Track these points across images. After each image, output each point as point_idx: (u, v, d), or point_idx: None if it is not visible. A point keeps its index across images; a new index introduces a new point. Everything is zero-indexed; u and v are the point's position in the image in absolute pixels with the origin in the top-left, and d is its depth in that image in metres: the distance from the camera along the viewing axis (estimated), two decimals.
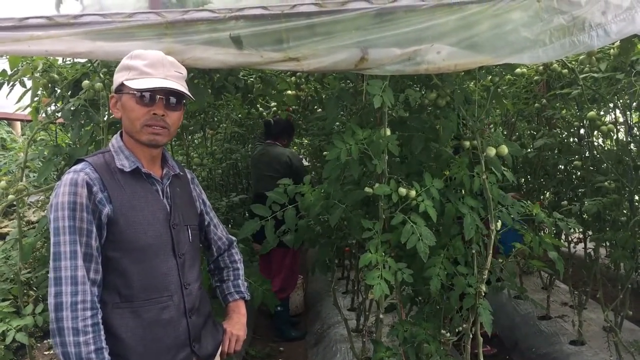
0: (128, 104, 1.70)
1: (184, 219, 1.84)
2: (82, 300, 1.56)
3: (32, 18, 1.85)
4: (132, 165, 1.72)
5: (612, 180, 3.38)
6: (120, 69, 1.73)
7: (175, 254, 1.78)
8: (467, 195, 2.36)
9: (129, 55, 1.73)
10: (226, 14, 1.87)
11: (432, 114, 2.60)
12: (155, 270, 1.71)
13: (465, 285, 2.32)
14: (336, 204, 2.42)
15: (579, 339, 3.98)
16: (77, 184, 1.61)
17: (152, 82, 1.66)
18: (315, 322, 5.09)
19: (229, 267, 2.13)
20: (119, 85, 1.72)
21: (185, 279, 1.80)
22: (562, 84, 3.63)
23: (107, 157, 1.73)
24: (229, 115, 4.55)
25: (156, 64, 1.69)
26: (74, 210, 1.59)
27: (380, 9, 1.87)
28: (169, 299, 1.74)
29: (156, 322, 1.70)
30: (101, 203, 1.63)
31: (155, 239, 1.72)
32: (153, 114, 1.69)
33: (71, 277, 1.56)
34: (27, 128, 5.14)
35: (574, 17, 1.90)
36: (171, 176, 1.85)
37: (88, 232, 1.61)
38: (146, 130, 1.70)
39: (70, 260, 1.57)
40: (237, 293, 2.10)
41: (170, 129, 1.75)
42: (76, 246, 1.58)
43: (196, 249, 1.93)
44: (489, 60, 1.97)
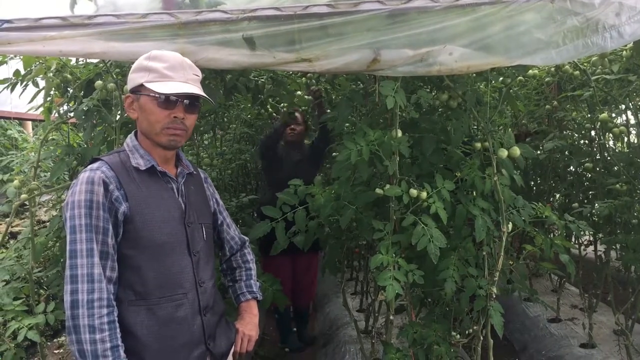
0: (148, 106, 1.71)
1: (198, 217, 1.86)
2: (99, 297, 1.56)
3: (46, 18, 1.87)
4: (148, 163, 1.74)
5: (624, 183, 3.36)
6: (138, 69, 1.72)
7: (190, 251, 1.79)
8: (479, 197, 2.36)
9: (147, 56, 1.73)
10: (239, 14, 1.87)
11: (443, 115, 2.60)
12: (171, 268, 1.73)
13: (476, 287, 2.31)
14: (347, 205, 2.42)
15: (589, 342, 3.96)
16: (93, 182, 1.62)
17: (175, 86, 1.68)
18: (324, 323, 5.08)
19: (242, 267, 2.15)
20: (136, 86, 1.72)
21: (199, 277, 1.81)
22: (573, 86, 3.62)
23: (122, 157, 1.74)
24: (239, 115, 4.56)
25: (176, 67, 1.70)
26: (91, 209, 1.60)
27: (393, 10, 1.87)
28: (183, 297, 1.75)
29: (171, 319, 1.71)
30: (117, 201, 1.64)
31: (170, 237, 1.73)
32: (174, 117, 1.71)
33: (87, 274, 1.57)
34: (39, 128, 5.17)
35: (588, 18, 1.89)
36: (185, 175, 1.87)
37: (104, 230, 1.62)
38: (166, 133, 1.72)
39: (87, 258, 1.58)
40: (249, 293, 2.12)
41: (188, 131, 1.78)
42: (92, 244, 1.59)
43: (210, 247, 1.95)
44: (501, 61, 1.97)
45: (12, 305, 2.64)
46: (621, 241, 3.39)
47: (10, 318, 2.58)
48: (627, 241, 3.26)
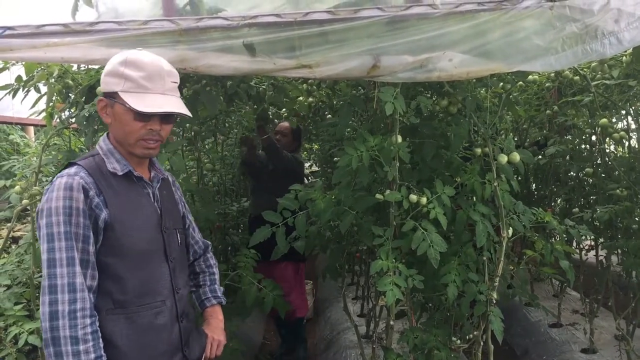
0: (123, 118, 1.65)
1: (173, 222, 1.84)
2: (82, 307, 1.52)
3: (48, 25, 1.88)
4: (124, 168, 1.70)
5: (624, 188, 3.36)
6: (113, 74, 1.64)
7: (167, 258, 1.77)
8: (479, 202, 2.36)
9: (123, 60, 1.64)
10: (240, 21, 1.88)
11: (443, 121, 2.60)
12: (150, 276, 1.70)
13: (476, 292, 2.31)
14: (347, 210, 2.42)
15: (590, 347, 3.95)
16: (72, 188, 1.56)
17: (151, 101, 1.61)
18: (325, 328, 5.08)
19: (205, 272, 2.11)
20: (111, 92, 1.65)
21: (176, 284, 1.79)
22: (573, 91, 3.63)
23: (97, 160, 1.68)
24: (240, 121, 4.57)
25: (154, 76, 1.63)
26: (70, 215, 1.55)
27: (393, 17, 1.89)
28: (162, 304, 1.73)
29: (150, 327, 1.68)
30: (98, 208, 1.59)
31: (149, 244, 1.70)
32: (149, 129, 1.66)
33: (68, 284, 1.52)
34: (41, 133, 5.18)
35: (587, 25, 1.90)
36: (160, 179, 1.84)
37: (85, 237, 1.57)
38: (141, 145, 1.68)
39: (68, 267, 1.52)
40: (214, 298, 2.08)
41: (163, 141, 1.74)
42: (73, 252, 1.54)
43: (184, 252, 1.93)
44: (501, 67, 1.98)
45: (13, 310, 2.65)
46: (622, 246, 3.40)
47: (12, 323, 2.58)
48: (628, 246, 3.26)
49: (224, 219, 4.12)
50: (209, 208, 3.26)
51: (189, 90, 2.78)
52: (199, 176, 3.93)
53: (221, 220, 4.00)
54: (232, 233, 4.36)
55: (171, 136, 2.91)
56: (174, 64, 1.92)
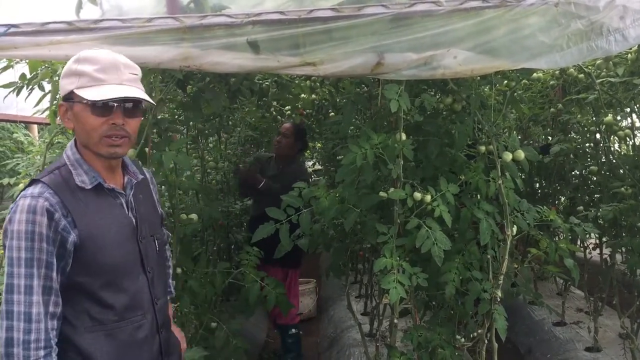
0: (82, 115, 1.54)
1: (149, 229, 1.75)
2: (36, 339, 1.45)
3: (52, 23, 1.87)
4: (94, 180, 1.59)
5: (629, 186, 3.35)
6: (68, 75, 1.56)
7: (145, 269, 1.70)
8: (483, 200, 2.35)
9: (76, 58, 1.57)
10: (244, 19, 1.88)
11: (447, 118, 2.60)
12: (128, 290, 1.62)
13: (480, 290, 2.31)
14: (351, 208, 2.42)
15: (594, 345, 3.95)
16: (35, 212, 1.46)
17: (107, 90, 1.52)
18: (329, 326, 5.08)
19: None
20: (68, 94, 1.56)
21: (155, 294, 1.73)
22: (578, 89, 3.61)
23: (63, 173, 1.57)
24: (243, 119, 4.57)
25: (109, 68, 1.54)
26: (33, 241, 1.46)
27: (397, 14, 1.88)
28: (142, 317, 1.67)
29: (131, 342, 1.63)
30: (65, 230, 1.50)
31: (124, 257, 1.62)
32: (112, 124, 1.54)
33: (24, 313, 1.44)
34: (45, 131, 5.19)
35: (592, 22, 1.89)
36: (134, 185, 1.73)
37: (47, 263, 1.47)
38: (105, 142, 1.55)
39: (25, 295, 1.45)
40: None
41: (131, 138, 1.61)
42: (32, 280, 1.45)
43: (162, 259, 1.86)
44: (505, 65, 1.97)
45: None
46: (626, 244, 3.38)
47: None
48: (633, 244, 3.25)
49: (227, 217, 4.12)
50: (212, 206, 3.26)
51: (193, 88, 2.78)
52: (203, 174, 3.93)
53: (224, 218, 4.00)
54: (235, 231, 4.36)
55: (175, 134, 2.91)
56: (178, 62, 1.93)
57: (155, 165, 2.41)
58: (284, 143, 4.28)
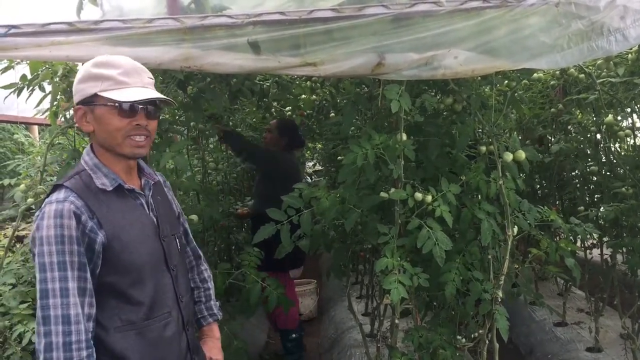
0: (106, 117, 1.58)
1: (170, 229, 1.79)
2: (77, 340, 1.47)
3: (53, 24, 1.87)
4: (114, 183, 1.63)
5: (630, 186, 3.35)
6: (88, 79, 1.59)
7: (169, 267, 1.73)
8: (484, 201, 2.35)
9: (94, 63, 1.61)
10: (244, 19, 1.88)
11: (448, 119, 2.60)
12: (154, 288, 1.66)
13: (481, 290, 2.31)
14: (352, 208, 2.42)
15: (595, 346, 3.94)
16: (63, 216, 1.50)
17: (135, 92, 1.57)
18: (329, 327, 5.08)
19: (200, 288, 2.03)
20: (89, 97, 1.59)
21: (179, 292, 1.76)
22: (578, 89, 3.61)
23: (84, 178, 1.61)
24: (244, 119, 4.57)
25: (131, 72, 1.60)
26: (63, 244, 1.49)
27: (397, 14, 1.88)
28: (169, 315, 1.69)
29: (160, 340, 1.66)
30: (93, 232, 1.53)
31: (150, 256, 1.66)
32: (136, 125, 1.60)
33: (62, 315, 1.46)
34: (45, 132, 5.20)
35: (592, 22, 1.89)
36: (152, 186, 1.77)
37: (80, 264, 1.51)
38: (129, 143, 1.60)
39: (61, 298, 1.47)
40: (210, 316, 2.02)
41: (151, 138, 1.68)
42: (67, 283, 1.48)
43: (184, 258, 1.89)
44: (506, 65, 1.97)
45: (19, 309, 2.66)
46: (627, 245, 3.38)
47: (17, 321, 2.59)
48: (633, 244, 3.24)
49: (228, 217, 4.12)
50: (213, 207, 3.26)
51: (193, 89, 2.78)
52: (203, 175, 3.93)
53: (225, 219, 4.00)
54: (236, 232, 4.37)
55: (175, 135, 2.91)
56: (179, 62, 1.93)
57: (154, 166, 2.41)
58: (268, 138, 4.29)
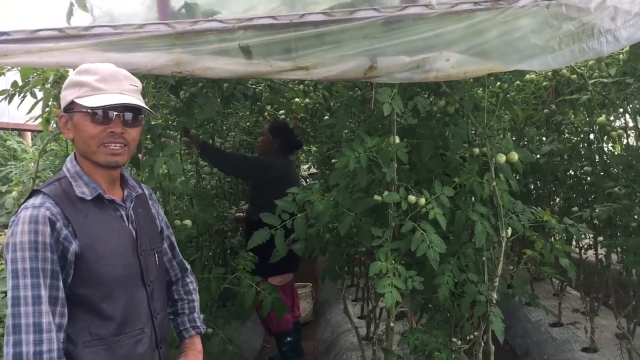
0: (81, 123, 1.56)
1: (149, 243, 1.74)
2: (49, 349, 1.42)
3: (43, 30, 1.86)
4: (94, 192, 1.59)
5: (623, 186, 3.36)
6: (69, 86, 1.59)
7: (145, 282, 1.68)
8: (477, 203, 2.35)
9: (77, 70, 1.61)
10: (235, 24, 1.87)
11: (441, 121, 2.60)
12: (127, 303, 1.61)
13: (476, 292, 2.30)
14: (345, 212, 2.41)
15: (591, 346, 3.95)
16: (38, 222, 1.46)
17: (107, 98, 1.54)
18: (325, 330, 5.07)
19: (184, 299, 1.97)
20: (68, 104, 1.58)
21: (154, 308, 1.71)
22: (571, 90, 3.62)
23: (64, 185, 1.58)
24: (237, 123, 4.56)
25: (109, 78, 1.57)
26: (37, 250, 1.45)
27: (388, 17, 1.88)
28: (141, 332, 1.64)
29: (131, 357, 1.61)
30: (67, 240, 1.50)
31: (125, 270, 1.61)
32: (110, 132, 1.56)
33: (34, 324, 1.42)
34: (37, 138, 5.18)
35: (583, 23, 1.89)
36: (134, 198, 1.73)
37: (53, 272, 1.47)
38: (103, 151, 1.57)
39: (33, 306, 1.43)
40: (193, 329, 1.95)
41: (130, 147, 1.62)
42: (40, 290, 1.44)
43: (162, 274, 1.84)
44: (498, 67, 1.97)
45: None
46: (621, 244, 3.39)
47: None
48: (628, 244, 3.26)
49: (222, 222, 4.11)
50: (207, 211, 3.26)
51: (186, 93, 2.78)
52: (197, 179, 3.92)
53: (220, 224, 3.99)
54: (230, 236, 4.35)
55: (168, 140, 2.90)
56: (170, 68, 1.92)
57: (148, 171, 2.40)
58: (261, 140, 4.32)
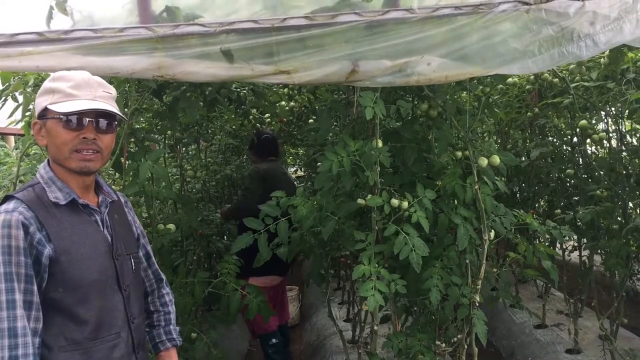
0: (54, 130, 1.56)
1: (125, 248, 1.74)
2: (24, 354, 1.42)
3: (22, 34, 1.84)
4: (67, 197, 1.59)
5: (605, 189, 3.39)
6: (43, 93, 1.60)
7: (120, 287, 1.67)
8: (460, 206, 2.36)
9: (52, 77, 1.61)
10: (217, 27, 1.87)
11: (424, 124, 2.61)
12: (103, 307, 1.60)
13: (459, 295, 2.31)
14: (329, 215, 2.41)
15: (575, 347, 3.98)
16: (10, 226, 1.47)
17: (79, 104, 1.54)
18: (311, 333, 5.07)
19: (160, 311, 1.97)
20: (42, 110, 1.59)
21: (131, 313, 1.70)
22: (553, 93, 3.66)
23: (37, 191, 1.58)
24: (222, 127, 4.55)
25: (82, 85, 1.57)
26: (10, 255, 1.45)
27: (370, 22, 1.88)
28: (117, 336, 1.63)
29: None
30: (40, 244, 1.50)
31: (100, 274, 1.60)
32: (83, 138, 1.56)
33: (9, 328, 1.42)
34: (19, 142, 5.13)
35: (563, 28, 1.91)
36: (109, 203, 1.74)
37: (27, 277, 1.47)
38: (76, 157, 1.57)
39: (7, 310, 1.43)
40: (169, 341, 1.94)
41: (103, 153, 1.63)
42: (14, 294, 1.44)
43: (138, 279, 1.84)
44: (479, 71, 1.99)
45: None
46: (604, 246, 3.42)
47: None
48: (610, 246, 3.28)
49: (207, 226, 4.09)
50: (191, 215, 3.24)
51: (168, 97, 2.76)
52: (182, 183, 3.90)
53: (205, 228, 3.97)
54: (215, 240, 4.34)
55: (152, 144, 2.89)
56: (151, 72, 1.91)
57: (131, 176, 2.39)
58: (248, 151, 4.59)
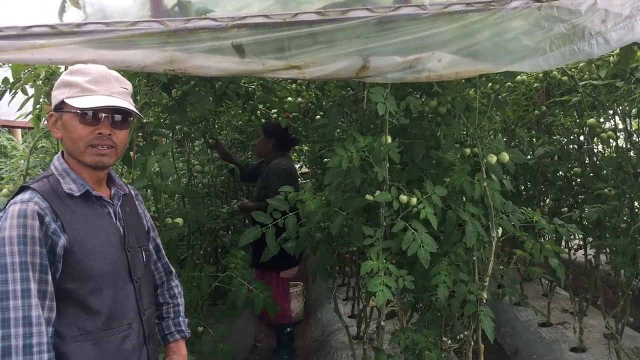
0: (70, 124, 1.57)
1: (137, 240, 1.75)
2: (38, 342, 1.43)
3: (35, 27, 1.85)
4: (82, 188, 1.60)
5: (612, 187, 3.38)
6: (60, 86, 1.60)
7: (132, 278, 1.69)
8: (468, 203, 2.37)
9: (69, 70, 1.61)
10: (228, 22, 1.87)
11: (432, 121, 2.61)
12: (115, 298, 1.61)
13: (466, 292, 2.32)
14: (337, 211, 2.42)
15: (579, 346, 3.97)
16: (26, 216, 1.47)
17: (96, 100, 1.55)
18: (316, 329, 5.08)
19: (169, 304, 1.98)
20: (58, 104, 1.59)
21: (142, 305, 1.72)
22: (561, 91, 3.65)
23: (52, 182, 1.59)
24: (230, 122, 4.56)
25: (99, 80, 1.58)
26: (25, 245, 1.45)
27: (382, 17, 1.89)
28: (129, 327, 1.65)
29: (119, 352, 1.61)
30: (55, 234, 1.51)
31: (112, 266, 1.62)
32: (98, 134, 1.57)
33: (23, 317, 1.42)
34: (28, 136, 5.15)
35: (574, 25, 1.91)
36: (121, 196, 1.75)
37: (42, 266, 1.47)
38: (91, 152, 1.58)
39: (23, 299, 1.43)
40: (178, 332, 1.96)
41: (118, 149, 1.64)
42: (29, 284, 1.44)
43: (149, 271, 1.85)
44: (489, 68, 1.99)
45: None
46: (610, 245, 3.42)
47: None
48: (616, 245, 3.28)
49: (214, 220, 4.10)
50: (198, 210, 3.25)
51: (178, 91, 2.77)
52: (189, 178, 3.91)
53: (211, 222, 3.98)
54: (222, 235, 4.35)
55: (160, 138, 2.90)
56: (163, 65, 1.92)
57: (140, 169, 2.40)
58: (258, 142, 4.49)
